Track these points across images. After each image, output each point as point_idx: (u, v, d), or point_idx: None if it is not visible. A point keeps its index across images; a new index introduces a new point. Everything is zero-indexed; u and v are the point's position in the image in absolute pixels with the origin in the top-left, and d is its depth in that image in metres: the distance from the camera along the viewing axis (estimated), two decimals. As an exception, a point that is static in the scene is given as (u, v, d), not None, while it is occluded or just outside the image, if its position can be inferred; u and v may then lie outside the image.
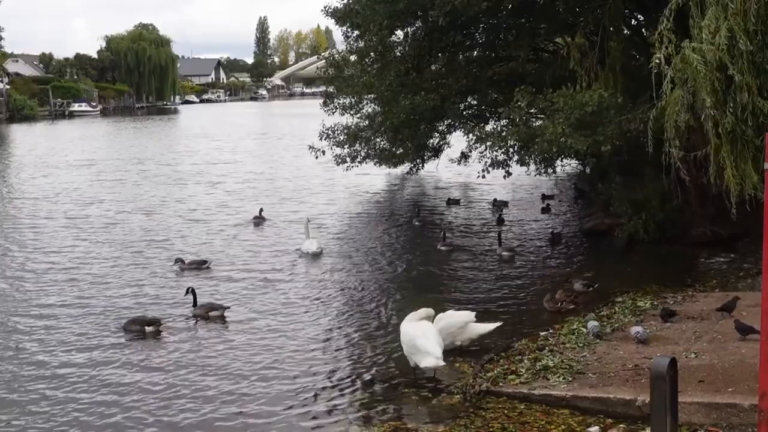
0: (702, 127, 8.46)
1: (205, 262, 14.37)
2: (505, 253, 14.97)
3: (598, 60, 14.31)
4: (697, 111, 8.18)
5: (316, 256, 15.32)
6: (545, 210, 19.84)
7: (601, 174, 17.92)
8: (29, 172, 31.94)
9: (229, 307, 11.56)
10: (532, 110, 14.85)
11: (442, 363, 8.36)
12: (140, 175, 29.90)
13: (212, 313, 11.26)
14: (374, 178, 26.35)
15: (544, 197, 21.46)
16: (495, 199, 21.25)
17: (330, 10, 19.75)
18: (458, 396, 8.03)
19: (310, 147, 22.54)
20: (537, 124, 14.73)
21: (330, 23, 21.24)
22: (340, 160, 22.64)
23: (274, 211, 20.42)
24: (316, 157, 22.88)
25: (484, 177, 19.05)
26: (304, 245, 15.65)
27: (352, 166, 22.83)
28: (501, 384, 8.11)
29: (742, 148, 8.22)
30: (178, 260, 14.28)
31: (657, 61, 8.32)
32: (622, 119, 13.06)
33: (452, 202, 21.66)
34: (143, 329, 10.54)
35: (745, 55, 8.03)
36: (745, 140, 8.22)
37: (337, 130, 21.86)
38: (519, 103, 14.36)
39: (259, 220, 19.04)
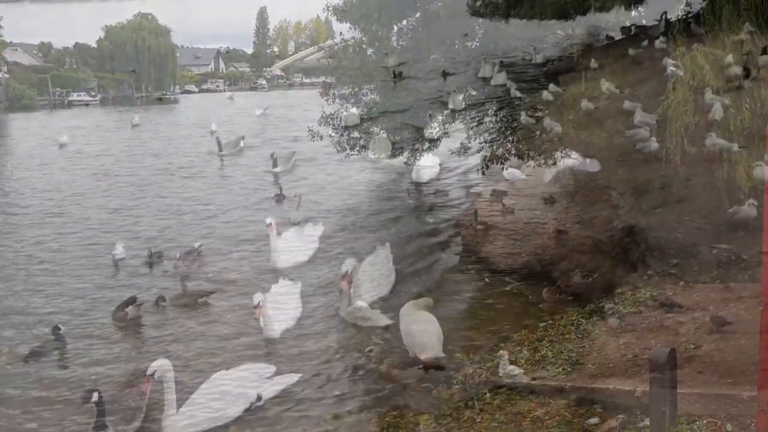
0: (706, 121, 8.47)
1: (160, 254, 14.22)
2: (479, 227, 15.85)
3: (603, 53, 14.24)
4: (704, 107, 8.18)
5: (303, 225, 16.45)
6: (548, 201, 19.72)
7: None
8: (20, 161, 31.68)
9: (213, 292, 11.61)
10: (539, 107, 14.81)
11: (442, 355, 8.34)
12: (137, 166, 29.68)
13: (200, 300, 11.32)
14: (373, 170, 26.33)
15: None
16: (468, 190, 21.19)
17: (332, 8, 20.16)
18: (457, 386, 8.01)
19: (309, 130, 22.54)
20: (537, 114, 14.66)
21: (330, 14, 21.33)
22: (339, 148, 22.56)
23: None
24: (313, 140, 22.87)
25: (483, 174, 19.01)
26: (293, 216, 16.97)
27: (351, 155, 22.77)
28: (500, 374, 8.09)
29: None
30: (150, 254, 14.17)
31: (670, 63, 8.33)
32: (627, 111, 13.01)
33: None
34: (126, 314, 10.58)
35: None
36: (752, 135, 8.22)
37: (337, 118, 21.75)
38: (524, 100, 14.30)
39: (280, 197, 20.25)
